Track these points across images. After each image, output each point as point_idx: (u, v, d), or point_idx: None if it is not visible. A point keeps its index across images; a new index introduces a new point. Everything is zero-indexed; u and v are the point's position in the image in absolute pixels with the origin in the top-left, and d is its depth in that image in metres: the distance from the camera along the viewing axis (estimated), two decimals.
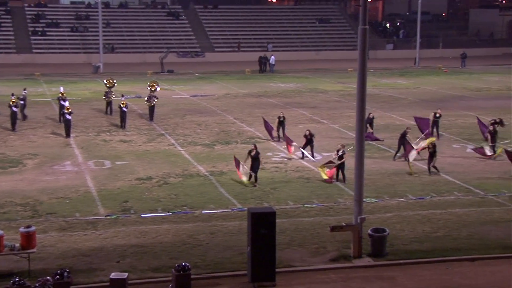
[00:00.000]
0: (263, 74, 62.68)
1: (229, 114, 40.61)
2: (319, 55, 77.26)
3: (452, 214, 22.10)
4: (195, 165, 28.54)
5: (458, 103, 44.18)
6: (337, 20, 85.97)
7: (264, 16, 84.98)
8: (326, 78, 59.18)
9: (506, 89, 51.20)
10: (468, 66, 67.10)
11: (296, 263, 18.17)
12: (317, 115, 40.04)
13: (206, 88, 52.23)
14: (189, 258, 18.11)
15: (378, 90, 50.58)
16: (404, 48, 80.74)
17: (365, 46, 18.67)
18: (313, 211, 22.58)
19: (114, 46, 74.14)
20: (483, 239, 19.77)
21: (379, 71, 63.49)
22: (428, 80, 57.68)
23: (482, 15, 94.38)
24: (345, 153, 25.75)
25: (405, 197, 23.92)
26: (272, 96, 48.06)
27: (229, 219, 21.76)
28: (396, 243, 19.40)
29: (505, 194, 24.17)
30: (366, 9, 18.47)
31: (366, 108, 19.48)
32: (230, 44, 78.60)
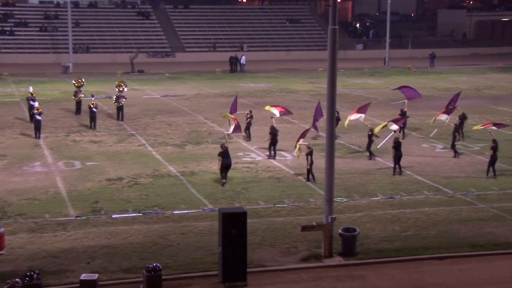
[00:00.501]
0: (234, 74, 62.67)
1: (200, 114, 40.54)
2: (290, 55, 77.49)
3: (422, 213, 22.31)
4: (166, 165, 28.45)
5: (427, 103, 44.57)
6: (307, 20, 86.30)
7: (235, 16, 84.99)
8: (297, 78, 59.37)
9: (474, 89, 51.83)
10: (436, 66, 67.78)
11: (267, 263, 18.21)
12: (288, 115, 40.06)
13: (176, 88, 52.07)
14: (160, 259, 18.04)
15: (348, 90, 50.88)
16: (374, 48, 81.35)
17: (335, 46, 18.76)
18: (284, 211, 22.64)
19: (88, 46, 73.59)
20: (452, 238, 19.99)
21: (349, 71, 63.86)
22: (397, 80, 58.10)
23: (450, 15, 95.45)
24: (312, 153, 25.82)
25: (375, 197, 24.10)
26: (243, 96, 48.03)
27: (200, 219, 21.72)
28: (366, 242, 19.53)
29: (473, 193, 24.46)
30: (335, 10, 18.56)
31: (336, 107, 19.58)
32: (200, 44, 78.46)
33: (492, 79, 57.67)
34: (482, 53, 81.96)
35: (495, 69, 65.68)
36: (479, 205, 23.16)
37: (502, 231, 20.53)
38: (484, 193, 24.44)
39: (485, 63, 71.15)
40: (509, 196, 24.15)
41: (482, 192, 24.61)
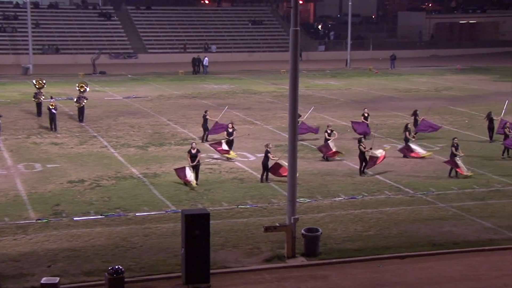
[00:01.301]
0: (197, 76, 62.56)
1: (162, 116, 40.40)
2: (252, 56, 77.64)
3: (383, 213, 22.56)
4: (129, 167, 28.29)
5: (388, 104, 45.10)
6: (270, 22, 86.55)
7: (197, 17, 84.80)
8: (260, 79, 59.50)
9: (434, 90, 52.56)
10: (397, 67, 68.54)
11: (231, 264, 18.23)
12: (251, 116, 40.25)
13: (139, 90, 51.79)
14: (122, 261, 17.94)
15: (310, 91, 51.17)
16: (335, 50, 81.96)
17: (297, 47, 18.86)
18: (247, 212, 22.69)
19: (58, 47, 72.79)
20: (413, 237, 20.25)
21: (312, 72, 64.24)
22: (359, 81, 58.69)
23: (410, 17, 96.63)
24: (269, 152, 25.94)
25: (338, 197, 24.29)
26: (206, 98, 48.04)
27: (163, 221, 21.66)
28: (329, 242, 19.68)
29: (433, 193, 24.82)
30: (297, 11, 18.67)
31: (298, 108, 19.69)
32: (163, 46, 78.12)
33: (451, 81, 58.55)
34: (441, 54, 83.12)
35: (453, 71, 66.68)
36: (439, 204, 23.50)
37: (461, 229, 20.87)
38: (444, 193, 24.81)
39: (444, 65, 72.18)
40: (468, 195, 24.56)
41: (441, 191, 24.98)
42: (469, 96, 48.81)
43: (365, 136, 30.88)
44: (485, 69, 68.27)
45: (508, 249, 19.39)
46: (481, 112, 41.09)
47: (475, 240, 20.00)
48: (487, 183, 26.01)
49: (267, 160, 25.81)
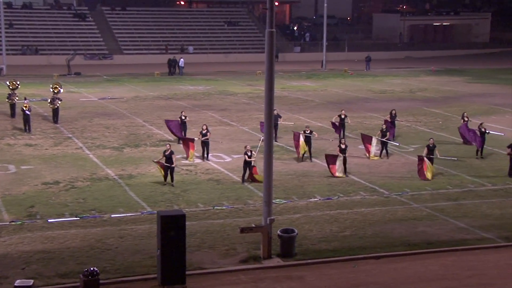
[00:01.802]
0: (173, 77, 62.39)
1: (138, 117, 40.25)
2: (228, 57, 77.60)
3: (358, 213, 22.70)
4: (104, 168, 28.15)
5: (363, 105, 45.35)
6: (246, 23, 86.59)
7: (173, 18, 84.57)
8: (235, 80, 59.51)
9: (409, 91, 52.95)
10: (372, 69, 68.94)
11: (206, 265, 18.23)
12: (227, 118, 40.25)
13: (114, 91, 51.53)
14: (97, 263, 17.85)
15: (286, 92, 51.30)
16: (311, 51, 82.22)
17: (272, 49, 18.91)
18: (223, 213, 22.70)
19: (37, 48, 72.11)
20: (388, 237, 20.40)
21: (288, 74, 64.38)
22: (334, 82, 58.94)
23: (385, 19, 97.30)
24: (252, 153, 26.03)
25: (313, 198, 24.39)
26: (182, 99, 47.95)
27: (139, 222, 21.59)
28: (304, 243, 19.76)
29: (408, 193, 25.02)
30: (273, 12, 18.72)
31: (274, 109, 19.75)
32: (138, 47, 77.79)
33: (425, 82, 59.03)
34: (416, 56, 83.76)
35: (427, 72, 67.23)
36: (413, 205, 23.70)
37: (434, 230, 21.07)
38: (418, 193, 25.02)
39: (418, 66, 72.75)
40: (442, 196, 24.80)
41: (416, 192, 25.19)
42: (443, 98, 49.25)
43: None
44: (459, 70, 68.93)
45: (481, 248, 19.62)
46: (454, 113, 41.55)
47: (449, 240, 20.21)
48: (460, 184, 26.28)
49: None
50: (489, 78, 62.19)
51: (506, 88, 54.49)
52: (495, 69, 69.81)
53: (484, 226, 21.38)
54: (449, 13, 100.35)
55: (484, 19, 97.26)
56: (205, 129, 29.92)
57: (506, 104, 45.33)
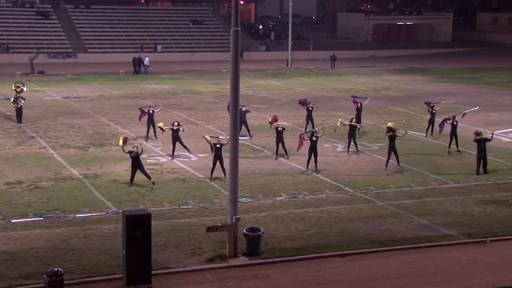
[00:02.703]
0: (138, 76, 62.05)
1: (103, 116, 39.95)
2: (194, 56, 77.43)
3: (324, 211, 22.84)
4: (68, 168, 27.89)
5: (329, 104, 45.61)
6: (211, 22, 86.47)
7: (138, 17, 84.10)
8: (201, 79, 59.41)
9: (373, 90, 53.38)
10: (337, 67, 69.37)
11: (172, 265, 18.20)
12: (193, 117, 40.17)
13: (79, 90, 51.07)
14: (62, 264, 17.70)
15: (252, 91, 51.36)
16: (276, 50, 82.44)
17: (238, 47, 18.94)
18: (189, 212, 22.67)
19: (8, 46, 71.00)
20: (353, 235, 20.58)
21: (253, 72, 64.47)
22: (300, 81, 59.19)
23: (349, 18, 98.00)
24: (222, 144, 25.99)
25: (279, 196, 24.48)
26: (147, 98, 47.71)
27: (104, 222, 21.45)
28: (270, 241, 19.83)
29: (373, 191, 25.26)
30: (238, 11, 18.75)
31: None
32: (103, 45, 77.18)
33: (389, 81, 59.59)
34: (380, 55, 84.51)
35: (391, 71, 67.86)
36: (377, 203, 23.93)
37: (399, 227, 21.31)
38: (383, 191, 25.27)
39: (382, 65, 73.42)
40: (406, 193, 25.08)
41: (380, 190, 25.43)
42: (407, 96, 49.79)
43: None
44: (422, 70, 69.73)
45: (444, 245, 19.91)
46: (418, 112, 42.06)
47: (413, 237, 20.46)
48: (424, 182, 26.61)
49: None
50: (451, 77, 63.05)
51: (468, 87, 55.34)
52: (457, 68, 70.80)
53: (447, 223, 21.69)
54: (412, 12, 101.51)
55: (446, 19, 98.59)
56: (177, 125, 29.73)
57: (468, 103, 45.97)
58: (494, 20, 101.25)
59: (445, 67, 72.52)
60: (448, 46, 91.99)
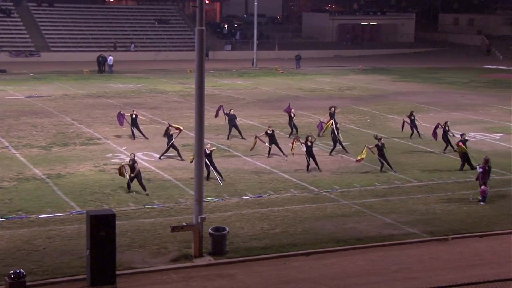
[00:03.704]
0: (102, 75, 61.56)
1: (67, 115, 39.57)
2: (159, 55, 77.05)
3: (289, 210, 22.95)
4: (31, 168, 27.57)
5: (294, 103, 45.57)
6: (176, 21, 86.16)
7: (102, 15, 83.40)
8: (166, 78, 59.18)
9: (338, 89, 53.76)
10: (302, 67, 69.68)
11: (137, 265, 18.12)
12: (158, 116, 40.01)
13: (42, 89, 50.48)
14: (24, 265, 17.51)
15: (217, 91, 51.33)
16: (242, 49, 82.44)
17: (203, 47, 18.94)
18: (154, 212, 22.59)
19: None
20: (317, 234, 20.71)
21: (219, 72, 64.42)
22: (265, 80, 59.31)
23: (314, 18, 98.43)
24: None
25: (245, 196, 24.52)
26: (112, 97, 47.39)
27: (68, 222, 21.27)
28: (236, 241, 19.86)
29: (337, 190, 25.44)
30: (202, 11, 18.75)
31: (205, 108, 19.75)
32: (67, 44, 76.37)
33: (353, 81, 60.04)
34: (344, 55, 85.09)
35: (356, 71, 68.38)
36: (342, 201, 24.12)
37: (363, 226, 21.51)
38: (347, 190, 25.47)
39: (346, 65, 73.94)
40: (370, 192, 25.32)
41: (345, 189, 25.63)
42: (371, 96, 50.23)
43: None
44: (385, 69, 70.40)
45: (407, 243, 20.15)
46: (382, 112, 42.48)
47: (377, 235, 20.67)
48: (388, 180, 26.89)
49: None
50: (414, 77, 63.79)
51: (430, 87, 56.05)
52: (420, 68, 71.66)
53: (410, 221, 21.96)
54: (376, 13, 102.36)
55: (409, 19, 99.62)
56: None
57: (430, 102, 46.62)
58: (455, 21, 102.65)
59: (408, 67, 73.34)
60: (411, 46, 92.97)
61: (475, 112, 42.83)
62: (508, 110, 44.03)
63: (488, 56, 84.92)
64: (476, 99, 49.15)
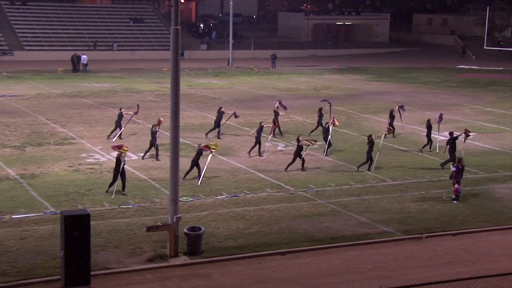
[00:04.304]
0: (77, 74, 61.11)
1: (41, 115, 39.23)
2: (134, 54, 76.68)
3: (265, 210, 22.98)
4: (4, 168, 27.30)
5: (269, 103, 45.80)
6: (151, 20, 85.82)
7: (77, 14, 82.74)
8: (142, 78, 58.93)
9: (313, 89, 53.95)
10: (278, 67, 69.79)
11: (112, 265, 18.03)
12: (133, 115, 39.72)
13: (15, 88, 50.00)
14: None
15: (193, 90, 51.23)
16: (217, 49, 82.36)
17: (178, 46, 18.89)
18: (129, 212, 22.49)
19: None
20: (293, 233, 20.77)
21: (194, 71, 64.30)
22: (241, 80, 59.32)
23: (290, 18, 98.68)
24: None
25: (220, 195, 24.51)
26: (87, 96, 47.08)
27: (42, 223, 21.09)
28: (211, 240, 19.85)
29: (312, 190, 25.52)
30: (178, 10, 18.70)
31: (181, 107, 19.72)
32: (41, 43, 75.69)
33: (329, 80, 60.29)
34: (320, 54, 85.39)
35: (331, 70, 68.67)
36: (317, 201, 24.21)
37: (338, 225, 21.62)
38: (323, 189, 25.57)
39: (322, 65, 74.20)
40: (345, 191, 25.44)
41: (320, 188, 25.73)
42: (346, 95, 50.47)
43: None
44: (360, 69, 70.78)
45: (382, 242, 20.29)
46: (357, 111, 42.71)
47: (352, 234, 20.78)
48: (363, 179, 27.04)
49: (198, 158, 26.13)
50: (389, 76, 64.21)
51: (404, 87, 56.47)
52: (394, 68, 72.17)
53: (385, 220, 22.11)
54: (350, 13, 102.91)
55: (383, 19, 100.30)
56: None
57: (405, 102, 46.84)
58: (429, 21, 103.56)
59: (383, 66, 73.82)
60: (386, 46, 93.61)
61: (448, 111, 43.21)
62: (481, 110, 44.54)
63: (462, 57, 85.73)
64: (450, 98, 49.64)
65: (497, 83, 59.59)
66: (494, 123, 39.64)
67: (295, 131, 34.68)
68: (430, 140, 31.76)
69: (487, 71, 71.38)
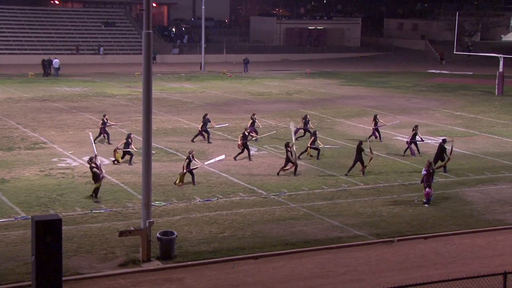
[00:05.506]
0: (48, 78, 60.58)
1: (11, 119, 38.83)
2: (106, 58, 76.24)
3: (238, 214, 22.99)
4: None
5: (242, 107, 45.91)
6: (123, 24, 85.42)
7: (47, 18, 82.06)
8: (114, 82, 58.60)
9: (285, 93, 54.10)
10: (250, 71, 69.88)
11: (84, 270, 17.91)
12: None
13: None
14: None
15: (165, 94, 51.10)
16: (189, 53, 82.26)
17: (150, 50, 18.84)
18: (102, 216, 22.35)
19: None
20: (266, 237, 20.80)
21: (166, 75, 64.12)
22: (213, 84, 59.29)
23: (262, 22, 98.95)
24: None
25: (193, 200, 24.47)
26: (58, 100, 46.70)
27: (12, 228, 20.87)
28: (184, 245, 19.81)
29: (285, 194, 25.59)
30: (149, 14, 18.65)
31: (153, 111, 19.66)
32: (10, 46, 74.89)
33: (301, 84, 60.52)
34: (292, 59, 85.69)
35: (303, 75, 68.94)
36: (290, 204, 24.28)
37: (311, 229, 21.70)
38: (295, 193, 25.65)
39: (294, 69, 74.45)
40: (318, 195, 25.55)
41: (293, 192, 25.81)
42: (318, 100, 50.71)
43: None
44: (332, 73, 71.16)
45: (354, 246, 20.41)
46: (329, 115, 42.94)
47: (324, 238, 20.87)
48: (335, 183, 27.18)
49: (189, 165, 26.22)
50: (360, 80, 64.65)
51: (376, 91, 56.90)
52: (366, 72, 72.68)
53: (357, 224, 22.24)
54: (322, 17, 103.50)
55: (355, 24, 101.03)
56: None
57: (377, 106, 47.33)
58: (399, 26, 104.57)
59: (355, 71, 74.31)
60: (357, 51, 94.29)
61: (419, 115, 43.66)
62: (451, 114, 45.04)
63: (437, 62, 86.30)
64: (421, 102, 50.12)
65: (467, 88, 60.32)
66: (464, 127, 40.11)
67: (270, 136, 34.65)
68: (409, 145, 31.96)
69: (457, 75, 72.23)
